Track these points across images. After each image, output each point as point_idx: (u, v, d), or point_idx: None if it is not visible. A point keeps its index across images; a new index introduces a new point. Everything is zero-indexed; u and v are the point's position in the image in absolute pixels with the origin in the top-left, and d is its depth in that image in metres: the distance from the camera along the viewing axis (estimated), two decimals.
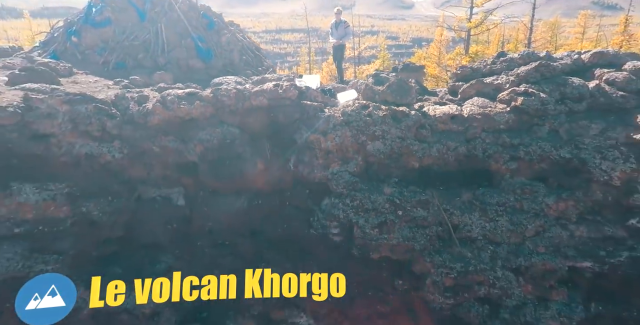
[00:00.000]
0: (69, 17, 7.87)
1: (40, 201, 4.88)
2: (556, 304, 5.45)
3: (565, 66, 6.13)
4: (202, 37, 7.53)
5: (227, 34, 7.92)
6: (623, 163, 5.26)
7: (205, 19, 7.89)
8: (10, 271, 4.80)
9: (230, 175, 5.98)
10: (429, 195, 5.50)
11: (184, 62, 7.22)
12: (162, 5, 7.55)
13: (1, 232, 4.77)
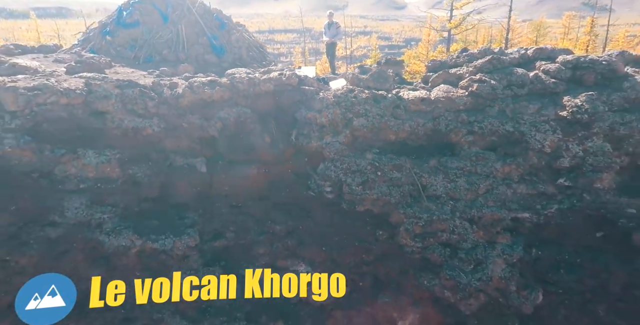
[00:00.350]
0: (102, 20, 9.28)
1: (99, 164, 6.28)
2: (501, 245, 6.95)
3: (513, 59, 7.62)
4: (216, 36, 8.96)
5: (236, 33, 9.39)
6: (552, 134, 6.76)
7: (217, 21, 9.33)
8: (78, 217, 6.20)
9: (243, 148, 7.41)
10: (402, 161, 6.97)
11: (201, 57, 8.63)
12: (181, 9, 8.98)
13: (71, 187, 6.17)
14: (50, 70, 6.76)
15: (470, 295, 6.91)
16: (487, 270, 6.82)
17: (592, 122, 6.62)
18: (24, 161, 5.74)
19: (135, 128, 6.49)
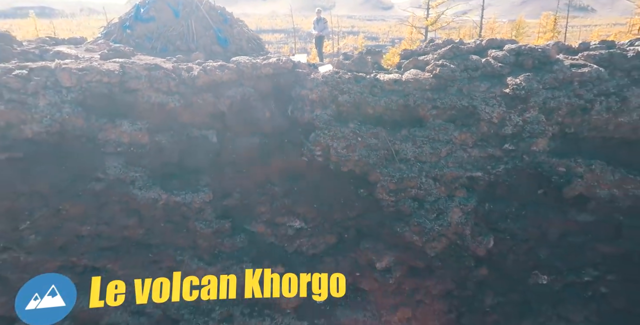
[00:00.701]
0: (122, 16, 10.72)
1: (132, 131, 7.75)
2: (458, 198, 8.58)
3: (470, 48, 9.26)
4: (220, 29, 10.44)
5: (237, 27, 10.89)
6: (498, 107, 8.40)
7: (221, 16, 10.81)
8: (116, 174, 7.67)
9: (247, 121, 8.91)
10: (379, 130, 8.56)
11: (208, 47, 10.11)
12: (190, 6, 10.44)
13: (110, 150, 7.63)
14: (88, 56, 8.20)
15: (434, 238, 8.54)
16: (447, 217, 8.45)
17: (529, 97, 8.28)
18: (76, 127, 7.20)
19: (160, 103, 7.96)
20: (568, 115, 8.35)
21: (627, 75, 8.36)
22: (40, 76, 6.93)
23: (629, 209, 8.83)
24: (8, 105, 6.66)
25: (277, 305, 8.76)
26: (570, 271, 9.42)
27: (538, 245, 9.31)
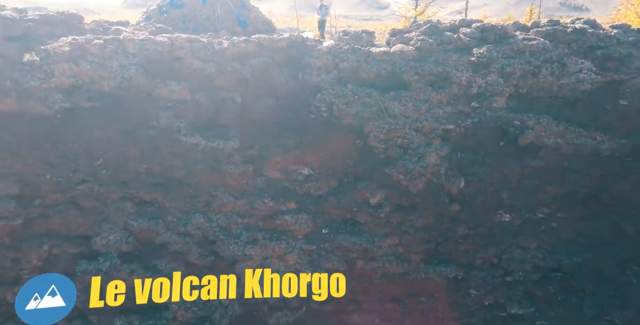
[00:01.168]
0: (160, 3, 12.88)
1: (179, 90, 9.92)
2: (435, 146, 10.78)
3: (445, 27, 11.46)
4: (240, 13, 12.58)
5: (254, 12, 13.04)
6: (466, 73, 10.60)
7: (240, 3, 12.97)
8: (166, 124, 9.84)
9: (266, 86, 11.07)
10: (372, 91, 10.76)
11: (231, 29, 12.24)
12: None
13: (162, 104, 9.80)
14: (142, 33, 10.37)
15: (416, 177, 10.76)
16: (425, 160, 10.68)
17: (490, 64, 10.49)
18: (139, 85, 9.37)
19: (199, 69, 10.12)
20: (521, 78, 10.57)
21: (567, 46, 10.59)
22: (112, 44, 9.06)
23: (572, 155, 11.08)
24: (92, 66, 8.80)
25: (291, 232, 10.98)
26: (527, 210, 11.71)
27: (501, 188, 11.57)
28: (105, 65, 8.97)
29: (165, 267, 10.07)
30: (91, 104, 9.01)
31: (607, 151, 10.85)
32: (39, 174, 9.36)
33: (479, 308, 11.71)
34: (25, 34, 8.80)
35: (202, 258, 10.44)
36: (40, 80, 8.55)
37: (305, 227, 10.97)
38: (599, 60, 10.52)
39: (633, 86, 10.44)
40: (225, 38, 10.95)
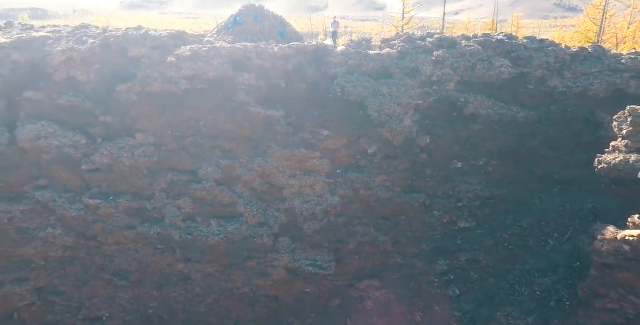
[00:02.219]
0: (225, 21, 18.92)
1: (249, 78, 15.92)
2: (409, 114, 16.84)
3: (417, 37, 17.63)
4: (280, 28, 18.61)
5: (289, 26, 19.04)
6: (429, 67, 16.70)
7: (279, 20, 18.99)
8: (242, 100, 15.84)
9: (300, 76, 17.11)
10: (369, 79, 16.86)
11: (274, 39, 18.27)
12: (263, 14, 18.60)
13: (240, 87, 15.82)
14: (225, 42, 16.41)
15: (397, 135, 16.83)
16: (403, 123, 16.77)
17: (444, 62, 16.63)
18: (227, 75, 15.39)
19: (260, 65, 16.16)
20: (464, 71, 16.72)
21: (493, 50, 16.77)
22: (213, 51, 15.07)
23: (499, 122, 17.24)
24: (203, 63, 14.80)
25: (317, 171, 17.05)
26: (472, 159, 17.88)
27: (454, 144, 17.72)
28: (210, 63, 14.96)
29: (239, 191, 16.14)
30: (202, 86, 15.03)
31: (521, 119, 17.05)
32: (165, 131, 15.41)
33: (439, 224, 17.86)
34: (163, 45, 14.82)
35: (261, 186, 16.53)
36: (174, 72, 14.56)
37: (326, 168, 17.04)
38: (513, 59, 16.73)
39: (535, 76, 16.68)
40: (274, 45, 17.04)
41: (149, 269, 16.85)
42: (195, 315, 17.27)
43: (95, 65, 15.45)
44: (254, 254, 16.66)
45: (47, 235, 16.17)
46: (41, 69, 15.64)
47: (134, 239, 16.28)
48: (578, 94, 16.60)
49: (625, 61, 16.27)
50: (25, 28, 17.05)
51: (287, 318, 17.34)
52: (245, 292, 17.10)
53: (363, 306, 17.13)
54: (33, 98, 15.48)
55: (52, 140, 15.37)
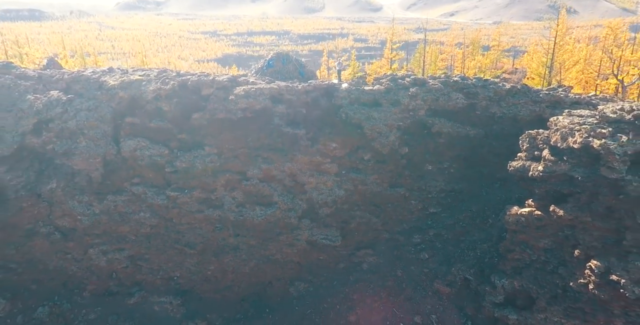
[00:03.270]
0: (260, 65, 26.29)
1: (282, 108, 23.30)
2: (393, 132, 24.28)
3: (399, 77, 25.13)
4: (301, 69, 25.96)
5: (306, 67, 26.36)
6: (407, 99, 24.12)
7: (300, 62, 26.32)
8: (277, 123, 23.23)
9: (316, 105, 24.51)
10: (365, 107, 24.32)
11: (296, 77, 25.64)
12: (289, 59, 25.95)
13: (275, 114, 23.19)
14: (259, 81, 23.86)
15: (384, 146, 24.20)
16: (389, 138, 24.16)
17: (417, 95, 24.06)
18: (267, 106, 22.79)
19: (288, 98, 23.48)
20: (431, 102, 24.17)
21: (451, 87, 24.25)
22: (259, 91, 22.45)
23: (457, 137, 24.65)
24: (252, 99, 22.15)
25: (328, 172, 24.39)
26: (438, 163, 25.29)
27: (425, 152, 25.11)
28: (256, 99, 22.31)
29: (275, 186, 23.52)
30: (250, 115, 22.41)
31: (472, 135, 24.49)
32: (224, 144, 22.79)
33: (415, 210, 25.23)
34: (225, 86, 22.25)
35: (290, 182, 23.87)
36: (233, 105, 21.94)
37: (334, 169, 24.35)
38: (466, 94, 24.21)
39: (481, 105, 24.17)
40: (297, 83, 24.51)
41: (210, 242, 24.13)
42: (241, 275, 24.55)
43: (175, 99, 22.82)
44: (283, 231, 23.98)
45: (139, 217, 23.45)
46: (137, 101, 23.02)
47: (200, 220, 23.59)
48: (511, 118, 24.07)
49: (542, 95, 23.79)
50: (123, 72, 24.37)
51: (307, 276, 24.66)
52: (277, 258, 24.41)
53: (361, 268, 24.46)
54: (132, 122, 22.85)
55: (145, 151, 22.70)
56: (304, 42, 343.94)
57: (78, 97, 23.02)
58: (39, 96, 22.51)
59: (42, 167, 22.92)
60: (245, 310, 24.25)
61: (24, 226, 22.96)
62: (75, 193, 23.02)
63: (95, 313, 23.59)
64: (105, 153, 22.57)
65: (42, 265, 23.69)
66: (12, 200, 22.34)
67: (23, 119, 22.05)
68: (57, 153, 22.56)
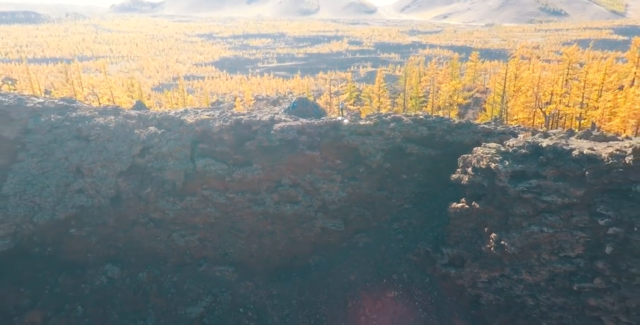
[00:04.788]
0: (289, 105, 38.43)
1: (304, 138, 35.61)
2: (379, 153, 36.70)
3: (386, 115, 37.65)
4: (315, 109, 38.07)
5: (319, 107, 38.43)
6: (388, 131, 36.53)
7: (314, 104, 38.38)
8: (301, 148, 35.55)
9: (327, 135, 36.83)
10: (360, 136, 36.77)
11: (312, 115, 37.81)
12: (307, 103, 38.15)
13: (300, 142, 35.48)
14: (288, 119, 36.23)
15: (373, 163, 36.60)
16: (377, 158, 36.55)
17: (395, 128, 36.48)
18: (296, 138, 35.13)
19: (309, 131, 35.89)
20: (405, 132, 36.57)
21: (418, 122, 36.72)
22: (289, 126, 34.67)
23: (423, 156, 37.14)
24: (286, 133, 34.36)
25: (334, 180, 36.82)
26: (409, 173, 37.87)
27: (401, 167, 37.58)
28: (288, 132, 34.53)
29: (300, 190, 35.92)
30: (283, 143, 34.67)
31: (434, 154, 36.96)
32: (265, 162, 35.18)
33: (395, 206, 37.62)
34: (267, 124, 34.46)
35: (309, 187, 36.24)
36: (272, 137, 34.19)
37: (339, 178, 36.69)
38: (428, 127, 36.67)
39: (438, 134, 36.70)
40: (314, 120, 36.95)
41: (254, 228, 36.41)
42: (275, 251, 36.83)
43: (232, 132, 35.11)
44: (305, 220, 36.32)
45: (207, 212, 35.72)
46: (207, 133, 35.31)
47: (249, 213, 35.88)
48: (459, 143, 36.55)
49: (479, 128, 36.34)
50: (195, 113, 36.58)
51: (320, 252, 37.01)
52: (300, 239, 36.74)
53: (357, 246, 36.87)
54: (203, 147, 35.13)
55: (211, 167, 34.95)
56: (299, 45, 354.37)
57: (167, 131, 35.23)
58: (142, 130, 34.71)
59: (143, 178, 35.12)
60: (278, 275, 36.54)
61: (130, 218, 35.13)
62: (164, 195, 35.21)
63: (177, 277, 35.77)
64: (186, 168, 34.77)
65: (140, 245, 35.87)
66: (124, 200, 34.55)
67: (133, 146, 34.23)
68: (154, 168, 34.75)
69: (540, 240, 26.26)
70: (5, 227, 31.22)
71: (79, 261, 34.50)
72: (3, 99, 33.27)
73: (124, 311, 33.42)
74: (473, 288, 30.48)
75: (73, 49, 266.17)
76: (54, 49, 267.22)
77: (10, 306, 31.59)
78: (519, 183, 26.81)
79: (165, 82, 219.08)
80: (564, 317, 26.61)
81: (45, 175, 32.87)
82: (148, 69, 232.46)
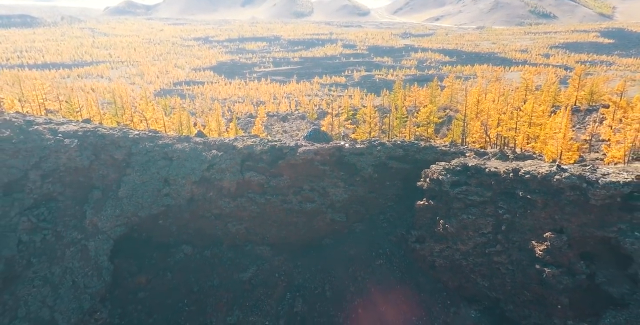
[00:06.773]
0: (307, 133, 56.46)
1: (318, 157, 53.95)
2: (371, 166, 55.07)
3: (373, 141, 56.24)
4: (325, 135, 56.18)
5: (327, 134, 56.48)
6: (377, 153, 54.95)
7: (324, 133, 56.51)
8: (308, 159, 53.86)
9: (331, 154, 55.12)
10: (355, 155, 55.25)
11: (323, 140, 55.94)
12: (319, 131, 56.33)
13: (304, 162, 53.80)
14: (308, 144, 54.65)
15: (366, 174, 55.00)
16: (368, 171, 54.96)
17: (381, 150, 54.96)
18: (313, 157, 53.55)
19: (322, 152, 54.36)
20: (387, 153, 55.03)
21: (398, 146, 55.26)
22: (309, 150, 52.89)
23: (400, 169, 55.68)
24: (307, 155, 52.49)
25: (336, 184, 55.32)
26: (391, 181, 56.57)
27: (385, 176, 56.10)
28: (308, 154, 52.71)
29: (315, 193, 54.39)
30: (304, 162, 52.93)
31: (408, 167, 55.52)
32: (291, 174, 53.65)
33: (381, 204, 55.97)
34: (293, 148, 52.69)
35: (321, 191, 54.70)
36: (298, 156, 52.44)
37: (342, 185, 55.05)
38: (404, 149, 55.24)
39: (411, 154, 55.35)
40: (325, 144, 55.44)
41: (283, 220, 54.69)
42: (298, 236, 55.12)
43: (269, 153, 53.48)
44: (319, 214, 54.69)
45: (251, 209, 54.10)
46: (251, 154, 53.64)
47: (281, 209, 54.16)
48: (425, 160, 54.93)
49: (439, 149, 54.98)
50: (242, 139, 54.80)
51: (330, 236, 55.36)
52: (316, 228, 55.10)
53: (355, 232, 55.34)
54: (248, 164, 53.50)
55: (254, 177, 53.38)
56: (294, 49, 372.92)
57: (224, 153, 53.53)
58: (207, 153, 52.96)
59: (208, 186, 53.41)
60: (300, 252, 54.92)
61: (199, 213, 53.42)
62: (222, 197, 53.51)
63: (231, 253, 54.16)
64: (237, 179, 53.09)
65: (204, 232, 54.13)
66: (195, 201, 52.89)
67: (202, 164, 52.49)
68: (215, 179, 52.98)
69: (468, 223, 44.93)
70: (122, 219, 49.26)
71: (165, 242, 52.66)
72: (114, 132, 51.30)
73: (197, 276, 51.68)
74: (431, 256, 49.09)
75: (72, 54, 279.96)
76: (54, 54, 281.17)
77: (125, 272, 49.71)
78: (455, 188, 45.48)
79: (166, 88, 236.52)
80: (482, 270, 45.31)
81: (144, 184, 50.98)
82: (148, 75, 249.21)
